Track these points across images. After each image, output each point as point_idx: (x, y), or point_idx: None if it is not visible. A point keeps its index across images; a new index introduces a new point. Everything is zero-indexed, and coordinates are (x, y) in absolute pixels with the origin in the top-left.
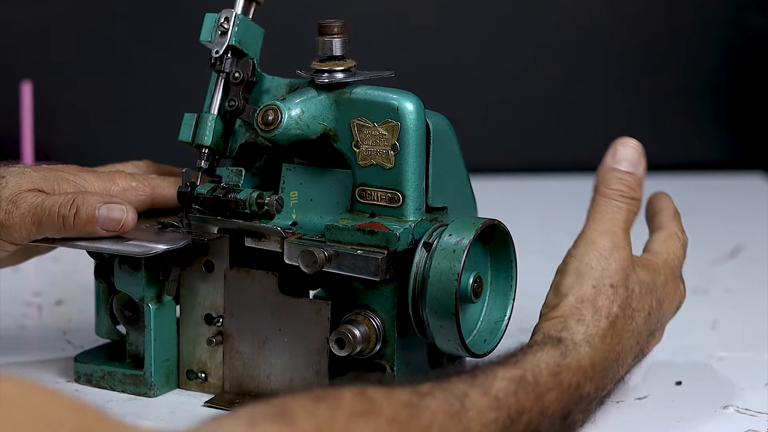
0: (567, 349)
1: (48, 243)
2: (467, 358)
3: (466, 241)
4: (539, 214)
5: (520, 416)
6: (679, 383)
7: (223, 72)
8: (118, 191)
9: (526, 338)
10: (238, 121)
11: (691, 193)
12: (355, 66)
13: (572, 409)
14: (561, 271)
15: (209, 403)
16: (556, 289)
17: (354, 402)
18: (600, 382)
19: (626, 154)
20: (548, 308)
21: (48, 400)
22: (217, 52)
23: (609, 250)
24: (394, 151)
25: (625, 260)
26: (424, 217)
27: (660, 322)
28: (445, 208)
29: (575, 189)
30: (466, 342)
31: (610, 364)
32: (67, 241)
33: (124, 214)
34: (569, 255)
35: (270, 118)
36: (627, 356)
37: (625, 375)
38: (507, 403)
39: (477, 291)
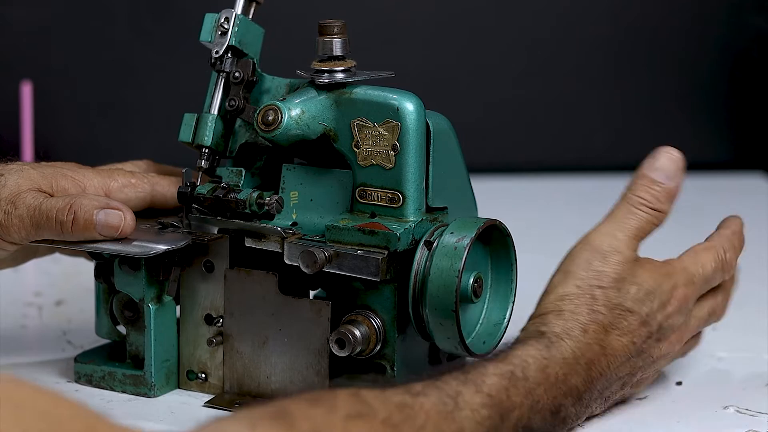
0: (550, 341)
1: (48, 244)
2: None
3: (467, 240)
4: (539, 214)
5: (510, 413)
6: (679, 383)
7: (223, 72)
8: (117, 187)
9: None
10: (239, 121)
11: (691, 193)
12: (355, 66)
13: (563, 402)
14: (557, 270)
15: (209, 404)
16: (547, 286)
17: (349, 404)
18: (588, 375)
19: (663, 164)
20: (537, 306)
21: (54, 401)
22: (217, 52)
23: (604, 253)
24: (394, 152)
25: (622, 264)
26: (424, 218)
27: (669, 326)
28: (446, 208)
29: (575, 189)
30: (466, 343)
31: (596, 357)
32: (67, 243)
33: (122, 221)
34: (568, 253)
35: (270, 118)
36: (617, 353)
37: (630, 376)
38: (499, 400)
39: (477, 291)
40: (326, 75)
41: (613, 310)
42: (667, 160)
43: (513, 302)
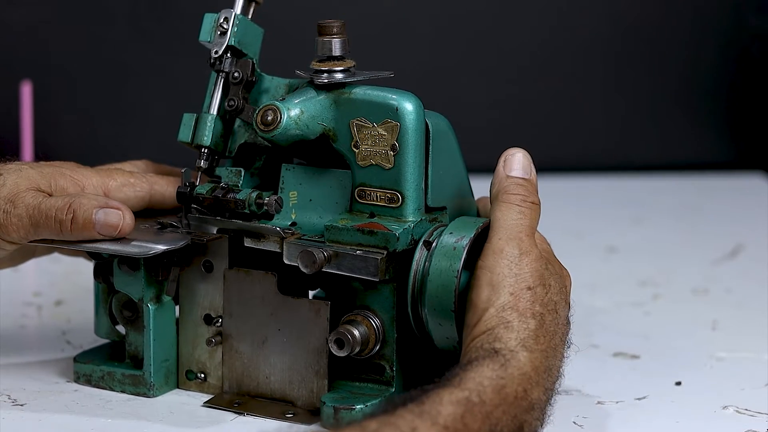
0: (506, 359)
1: (47, 243)
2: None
3: (466, 240)
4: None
5: None
6: (679, 383)
7: (222, 72)
8: (116, 186)
9: None
10: (238, 121)
11: (691, 193)
12: (354, 66)
13: (525, 418)
14: (474, 286)
15: (208, 404)
16: (474, 306)
17: None
18: (546, 383)
19: (517, 161)
20: (470, 327)
21: None
22: (216, 52)
23: (518, 257)
24: (393, 152)
25: (536, 261)
26: (423, 218)
27: (569, 305)
28: (445, 208)
29: (575, 189)
30: None
31: (550, 363)
32: (65, 243)
33: (121, 220)
34: (479, 268)
35: (269, 118)
36: (560, 349)
37: (562, 369)
38: (455, 430)
39: None
40: (325, 75)
41: (547, 305)
42: (519, 157)
43: None
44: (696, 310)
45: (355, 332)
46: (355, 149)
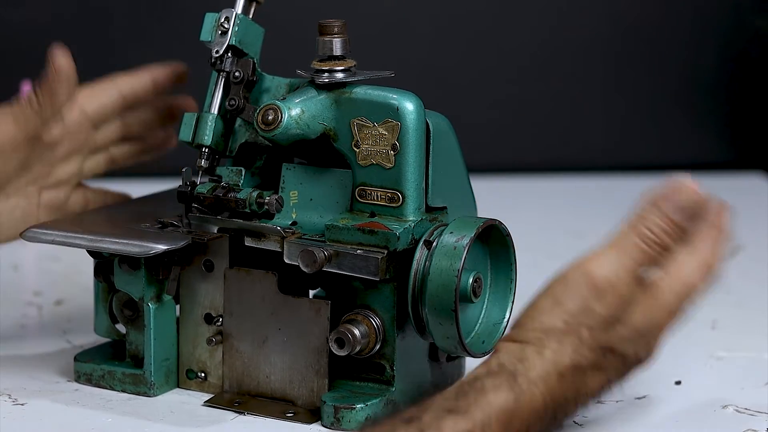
0: (521, 390)
1: (47, 233)
2: (465, 358)
3: (466, 240)
4: (539, 214)
5: None
6: (678, 383)
7: (223, 71)
8: (85, 96)
9: None
10: (239, 121)
11: None
12: (355, 66)
13: None
14: (546, 287)
15: (209, 403)
16: (532, 306)
17: None
18: (553, 420)
19: (681, 196)
20: (516, 326)
21: None
22: (217, 51)
23: (601, 290)
24: (394, 151)
25: (616, 303)
26: (423, 217)
27: (612, 383)
28: (445, 208)
29: (575, 189)
30: (465, 342)
31: (567, 402)
32: (66, 234)
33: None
34: (562, 272)
35: (270, 117)
36: (590, 391)
37: (590, 402)
38: None
39: (476, 291)
40: (326, 75)
41: (596, 350)
42: (685, 192)
43: (512, 302)
44: (696, 310)
45: (355, 331)
46: (355, 149)
